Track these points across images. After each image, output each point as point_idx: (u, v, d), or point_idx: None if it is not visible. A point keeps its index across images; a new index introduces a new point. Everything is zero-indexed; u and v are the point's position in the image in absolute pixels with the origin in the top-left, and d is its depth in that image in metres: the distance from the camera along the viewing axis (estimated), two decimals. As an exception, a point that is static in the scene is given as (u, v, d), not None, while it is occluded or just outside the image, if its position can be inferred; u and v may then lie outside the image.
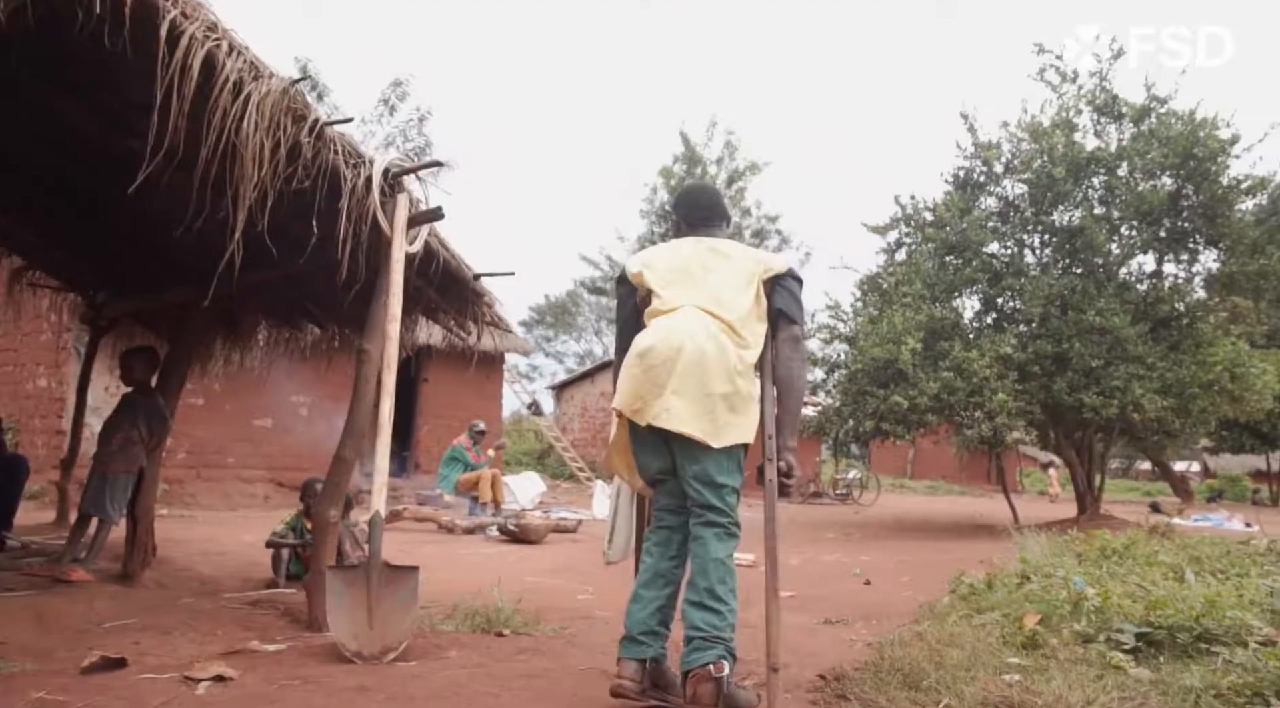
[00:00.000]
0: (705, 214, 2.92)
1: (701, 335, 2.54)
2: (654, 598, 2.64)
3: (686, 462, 2.54)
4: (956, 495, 24.62)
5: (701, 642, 2.37)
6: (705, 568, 2.48)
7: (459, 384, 13.88)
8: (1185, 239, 11.01)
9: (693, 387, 2.49)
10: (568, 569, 6.80)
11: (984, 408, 9.97)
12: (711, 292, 2.64)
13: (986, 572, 5.39)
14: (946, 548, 9.30)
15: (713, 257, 2.73)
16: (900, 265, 11.54)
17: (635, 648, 2.56)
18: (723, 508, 2.54)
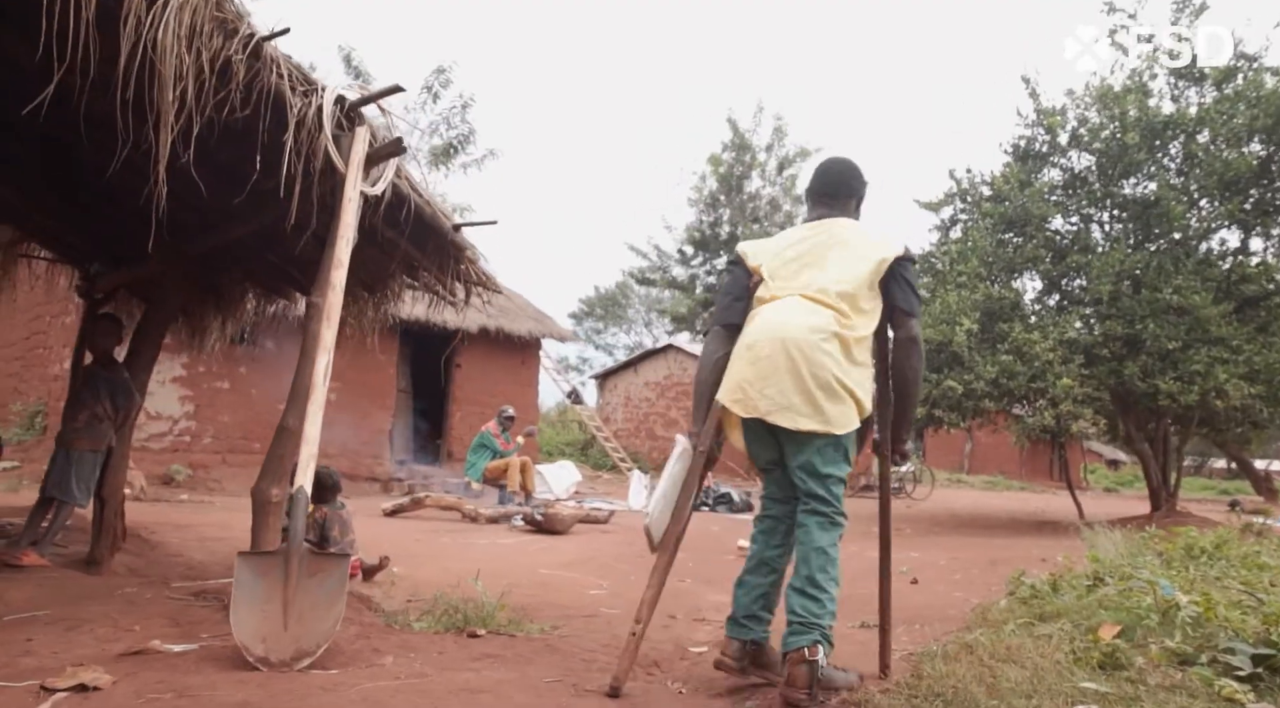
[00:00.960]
0: (831, 189, 2.86)
1: (806, 327, 2.54)
2: (758, 584, 2.74)
3: (792, 452, 2.60)
4: (1016, 491, 23.49)
5: (800, 626, 2.43)
6: (807, 556, 2.53)
7: (494, 370, 13.51)
8: (1276, 212, 10.03)
9: (796, 380, 2.51)
10: (588, 562, 6.31)
11: (1046, 394, 9.19)
12: (821, 281, 2.62)
13: (1050, 572, 4.74)
14: (1004, 545, 8.58)
15: (830, 244, 2.70)
16: (955, 243, 10.77)
17: (738, 629, 2.69)
18: (827, 497, 2.57)
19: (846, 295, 2.60)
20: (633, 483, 11.98)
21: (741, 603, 2.76)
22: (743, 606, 2.75)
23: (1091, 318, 9.68)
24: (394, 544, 6.67)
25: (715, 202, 35.78)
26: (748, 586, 2.78)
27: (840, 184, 2.87)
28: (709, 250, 35.97)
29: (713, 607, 4.62)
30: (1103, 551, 4.83)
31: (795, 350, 2.51)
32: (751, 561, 2.84)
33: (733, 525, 9.86)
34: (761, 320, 2.64)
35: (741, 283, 2.80)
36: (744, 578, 2.81)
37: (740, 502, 12.01)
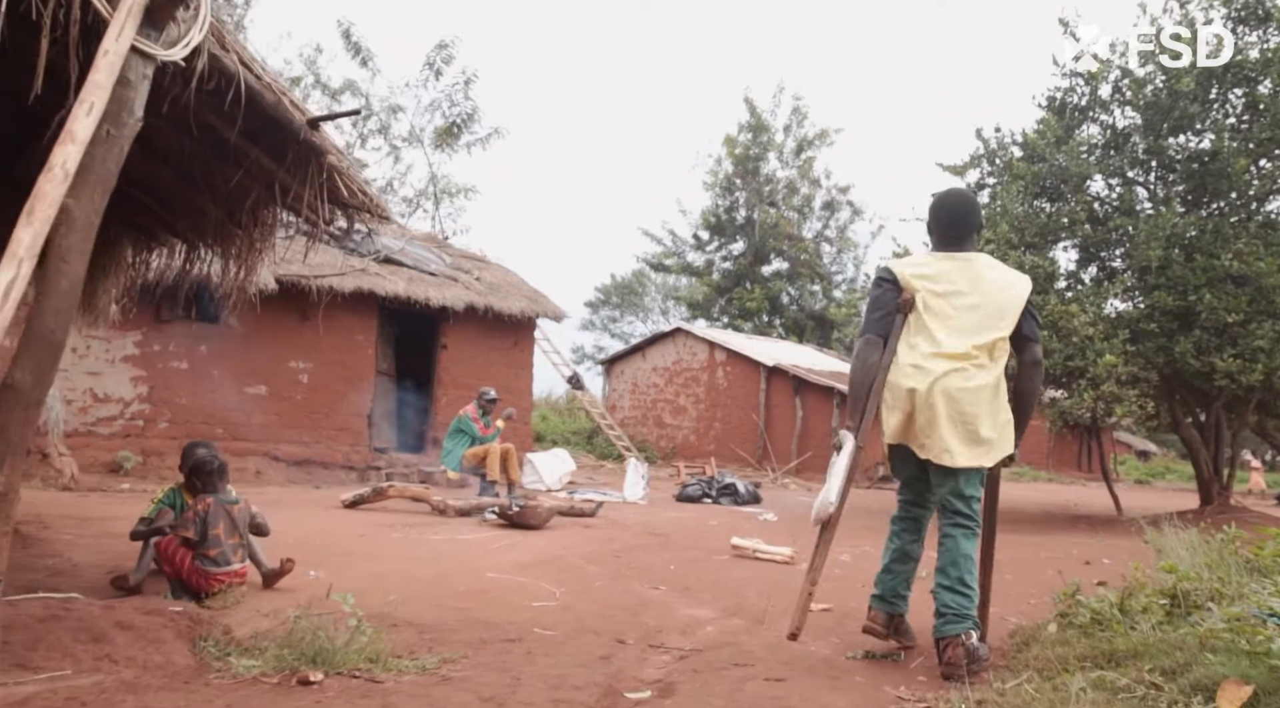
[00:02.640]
0: (961, 229, 3.20)
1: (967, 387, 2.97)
2: (902, 571, 3.24)
3: (942, 478, 3.05)
4: (1044, 482, 22.36)
5: (954, 617, 2.92)
6: (956, 560, 2.99)
7: (484, 352, 12.63)
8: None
9: (954, 429, 2.97)
10: (553, 562, 5.41)
11: (1087, 374, 8.15)
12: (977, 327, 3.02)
13: (1110, 586, 3.78)
14: (1039, 543, 7.58)
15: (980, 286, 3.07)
16: (983, 208, 9.72)
17: (887, 605, 3.22)
18: (970, 514, 3.04)
19: (999, 341, 3.04)
20: (629, 473, 11.06)
21: (889, 586, 3.25)
22: (891, 588, 3.25)
23: (1137, 290, 8.62)
24: (333, 541, 5.81)
25: (731, 185, 34.72)
26: (895, 573, 3.26)
27: (971, 217, 3.27)
28: (724, 235, 34.93)
29: (682, 625, 3.69)
30: (1174, 556, 3.84)
31: (955, 406, 2.98)
32: (895, 553, 3.29)
33: (734, 520, 8.92)
34: (927, 375, 3.01)
35: (892, 299, 3.15)
36: (891, 566, 3.28)
37: (746, 493, 11.07)
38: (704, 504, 10.81)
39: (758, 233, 33.60)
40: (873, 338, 3.15)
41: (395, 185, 28.80)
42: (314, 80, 25.55)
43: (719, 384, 18.83)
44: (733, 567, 5.56)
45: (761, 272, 34.36)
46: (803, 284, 33.96)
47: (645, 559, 5.73)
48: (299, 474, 10.36)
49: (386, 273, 11.38)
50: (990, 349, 3.02)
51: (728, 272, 34.70)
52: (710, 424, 18.90)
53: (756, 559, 5.94)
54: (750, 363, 18.12)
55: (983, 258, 3.21)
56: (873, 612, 3.21)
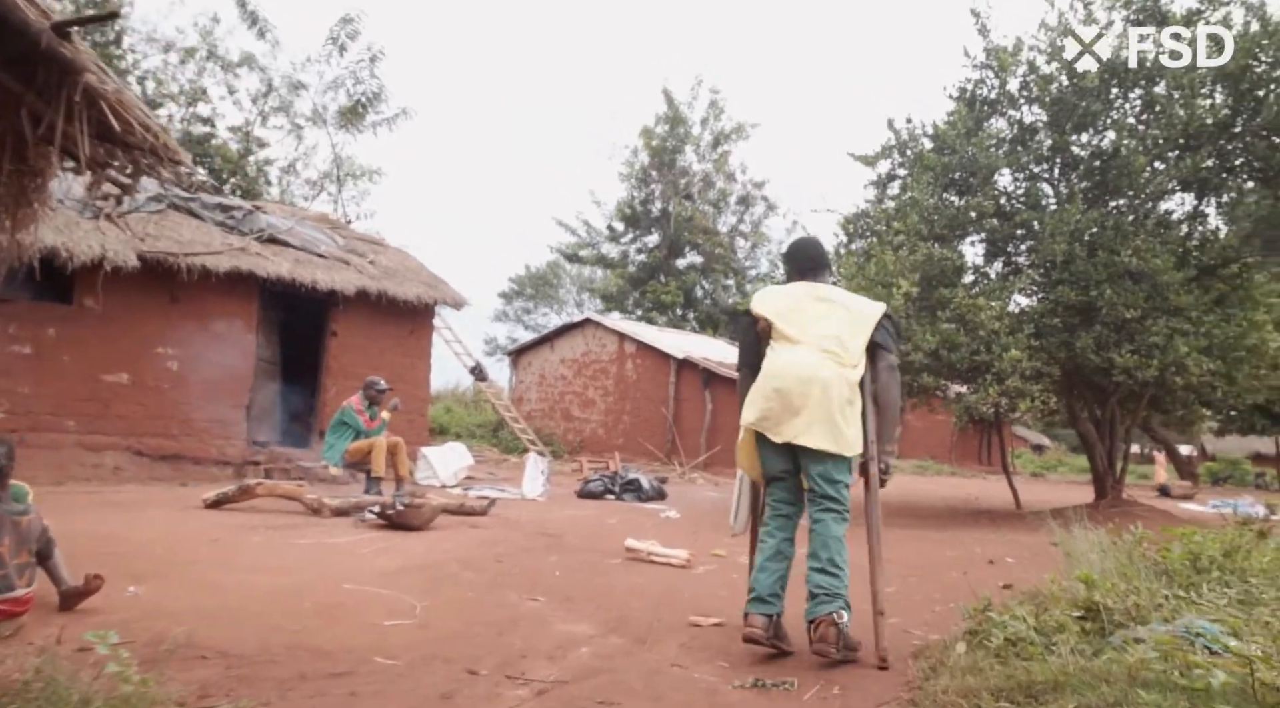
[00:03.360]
0: (811, 265, 3.53)
1: (822, 368, 3.22)
2: (777, 569, 3.26)
3: (812, 465, 3.24)
4: (947, 476, 22.84)
5: (825, 597, 3.06)
6: (827, 543, 3.16)
7: (377, 339, 11.89)
8: (1234, 173, 9.09)
9: (819, 410, 3.17)
10: (426, 569, 4.89)
11: (992, 369, 8.07)
12: (830, 332, 3.30)
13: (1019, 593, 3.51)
14: (942, 540, 7.44)
15: (825, 301, 3.38)
16: (893, 199, 9.59)
17: (764, 606, 3.18)
18: (839, 499, 3.22)
19: (851, 345, 3.26)
20: (528, 468, 10.56)
21: (765, 584, 3.21)
22: (767, 587, 3.20)
23: (1041, 285, 8.59)
24: (177, 548, 5.14)
25: (647, 177, 34.42)
26: (770, 571, 3.24)
27: (815, 258, 3.55)
28: (639, 227, 34.63)
29: (553, 647, 3.24)
30: (1083, 560, 3.59)
31: (815, 387, 3.17)
32: (769, 551, 3.29)
33: (635, 518, 8.53)
34: (784, 361, 3.26)
35: (753, 332, 3.48)
36: (766, 564, 3.26)
37: (650, 489, 10.70)
38: (606, 501, 10.40)
39: (673, 226, 33.42)
40: (746, 371, 3.50)
41: (299, 167, 27.48)
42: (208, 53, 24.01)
43: (628, 377, 18.46)
44: (624, 572, 5.15)
45: (676, 265, 34.22)
46: (717, 278, 33.96)
47: (530, 564, 5.26)
48: (166, 471, 9.48)
49: (269, 253, 10.55)
50: (842, 347, 3.25)
51: (642, 264, 34.43)
52: (619, 418, 18.51)
53: (651, 563, 5.55)
54: (660, 355, 17.81)
55: (831, 287, 3.52)
56: (751, 617, 3.18)
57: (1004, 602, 3.30)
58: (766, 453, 3.33)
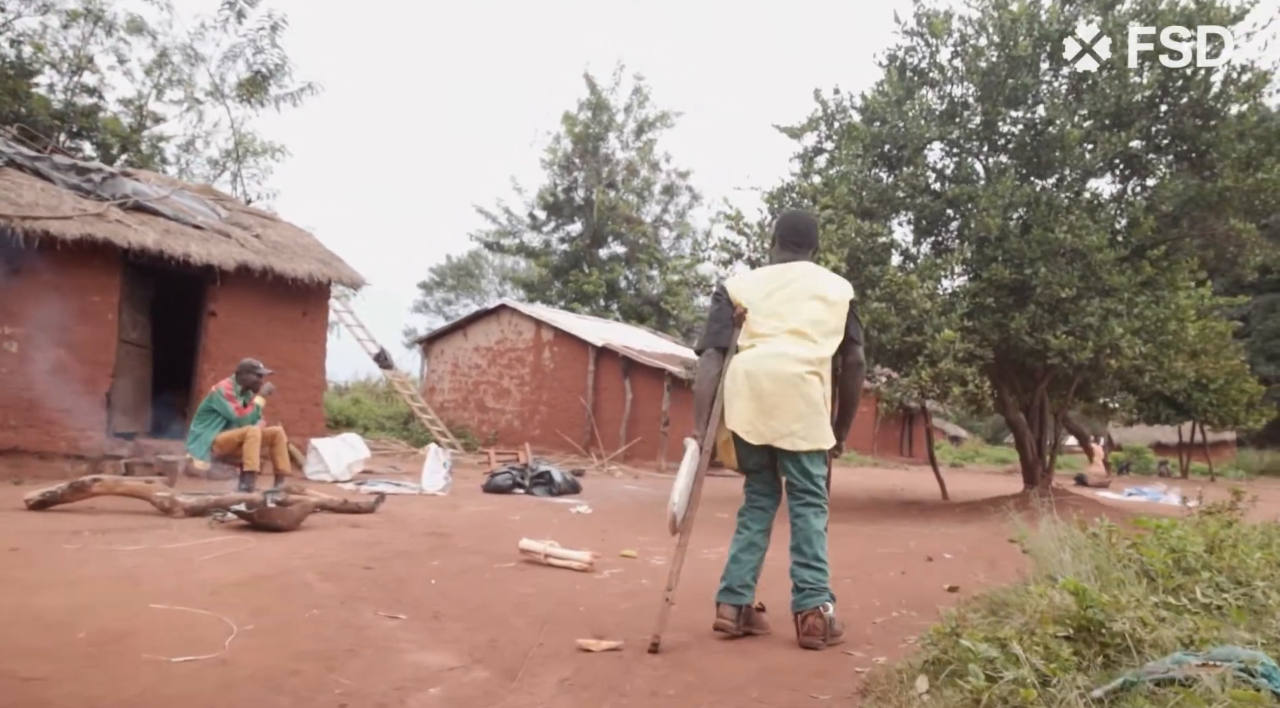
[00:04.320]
0: (799, 240, 3.45)
1: (798, 364, 3.16)
2: (750, 560, 3.26)
3: (790, 464, 3.23)
4: (869, 467, 22.72)
5: (812, 591, 3.10)
6: (810, 538, 3.17)
7: (264, 321, 10.80)
8: (1161, 152, 8.82)
9: (795, 409, 3.15)
10: (273, 579, 4.04)
11: (924, 350, 7.57)
12: (803, 318, 3.23)
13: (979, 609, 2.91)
14: (874, 535, 6.90)
15: (806, 285, 3.28)
16: (819, 172, 9.05)
17: (735, 597, 3.20)
18: (819, 492, 3.22)
19: (824, 331, 3.24)
20: (428, 461, 9.67)
21: (737, 576, 3.22)
22: (738, 578, 3.22)
23: (974, 263, 8.15)
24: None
25: (570, 164, 33.58)
26: (742, 562, 3.25)
27: (810, 235, 3.51)
28: (562, 216, 33.79)
29: (391, 688, 2.47)
30: (1052, 560, 3.00)
31: (790, 387, 3.16)
32: (743, 542, 3.29)
33: (543, 514, 7.77)
34: (759, 357, 3.23)
35: (727, 313, 3.35)
36: (739, 556, 3.26)
37: (563, 482, 9.95)
38: (515, 495, 9.61)
39: (596, 214, 32.71)
40: (712, 352, 3.34)
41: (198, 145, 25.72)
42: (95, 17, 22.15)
43: (545, 366, 17.64)
44: (514, 579, 4.39)
45: (599, 255, 33.52)
46: (641, 269, 33.36)
47: (403, 571, 4.46)
48: (2, 467, 8.27)
49: (133, 222, 9.38)
50: (816, 338, 3.20)
51: (565, 253, 33.62)
52: (536, 408, 17.68)
53: (549, 566, 4.81)
54: (579, 343, 17.04)
55: (812, 266, 3.40)
56: (722, 607, 3.19)
57: (961, 612, 2.67)
58: (745, 448, 3.30)
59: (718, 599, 3.21)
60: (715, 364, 3.31)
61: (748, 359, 3.22)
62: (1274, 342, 35.15)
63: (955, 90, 9.12)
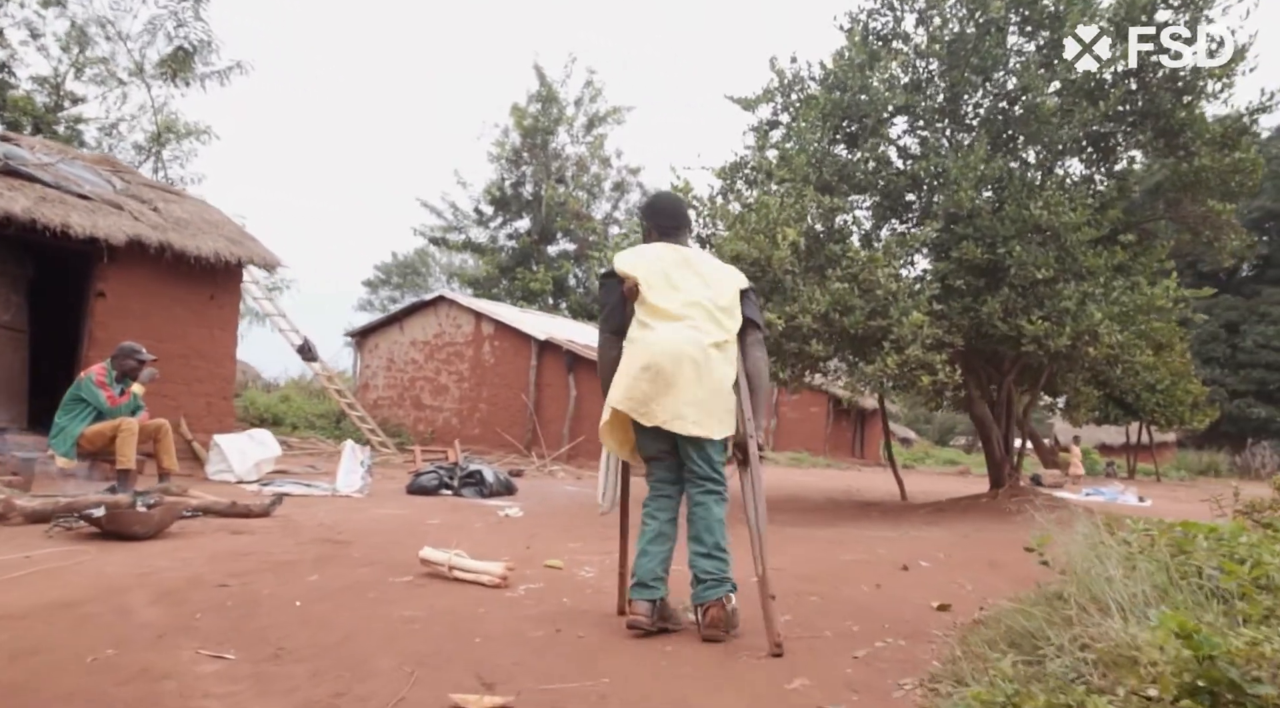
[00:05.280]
0: (675, 223, 3.33)
1: (697, 345, 2.98)
2: (659, 552, 3.09)
3: (691, 449, 3.06)
4: (822, 468, 22.18)
5: (714, 582, 2.93)
6: (711, 526, 3.00)
7: (165, 305, 9.71)
8: (1135, 130, 8.27)
9: (692, 390, 2.96)
10: (80, 605, 3.12)
11: (890, 335, 6.88)
12: (701, 301, 3.06)
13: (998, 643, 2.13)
14: (836, 539, 6.15)
15: (696, 269, 3.16)
16: (775, 146, 8.33)
17: (648, 591, 3.01)
18: (720, 479, 3.06)
19: (724, 309, 3.09)
20: (344, 459, 8.70)
21: (648, 569, 3.03)
22: (649, 571, 3.03)
23: (943, 242, 7.49)
24: None
25: (518, 158, 32.59)
26: (651, 555, 3.07)
27: (682, 216, 3.39)
28: (510, 211, 32.78)
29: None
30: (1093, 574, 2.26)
31: (690, 366, 2.96)
32: (651, 533, 3.12)
33: (466, 517, 6.89)
34: (654, 337, 3.02)
35: (618, 291, 3.17)
36: (647, 549, 3.08)
37: (495, 483, 9.06)
38: (442, 496, 8.70)
39: (544, 210, 31.81)
40: (608, 335, 3.23)
41: (123, 129, 24.17)
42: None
43: (485, 360, 16.68)
44: (403, 598, 3.53)
45: (547, 251, 32.63)
46: (591, 266, 32.52)
47: (268, 590, 3.57)
48: None
49: (3, 187, 8.25)
50: (713, 318, 3.06)
51: (512, 250, 32.63)
52: (475, 405, 16.71)
53: (455, 580, 3.96)
54: (521, 337, 16.13)
55: (698, 250, 3.41)
56: (635, 604, 3.03)
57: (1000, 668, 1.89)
58: (641, 434, 3.14)
59: (630, 596, 3.05)
60: (614, 347, 3.17)
61: (639, 338, 3.06)
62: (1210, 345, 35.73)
63: (920, 63, 8.48)
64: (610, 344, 3.19)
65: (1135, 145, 8.45)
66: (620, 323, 3.16)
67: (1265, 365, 35.14)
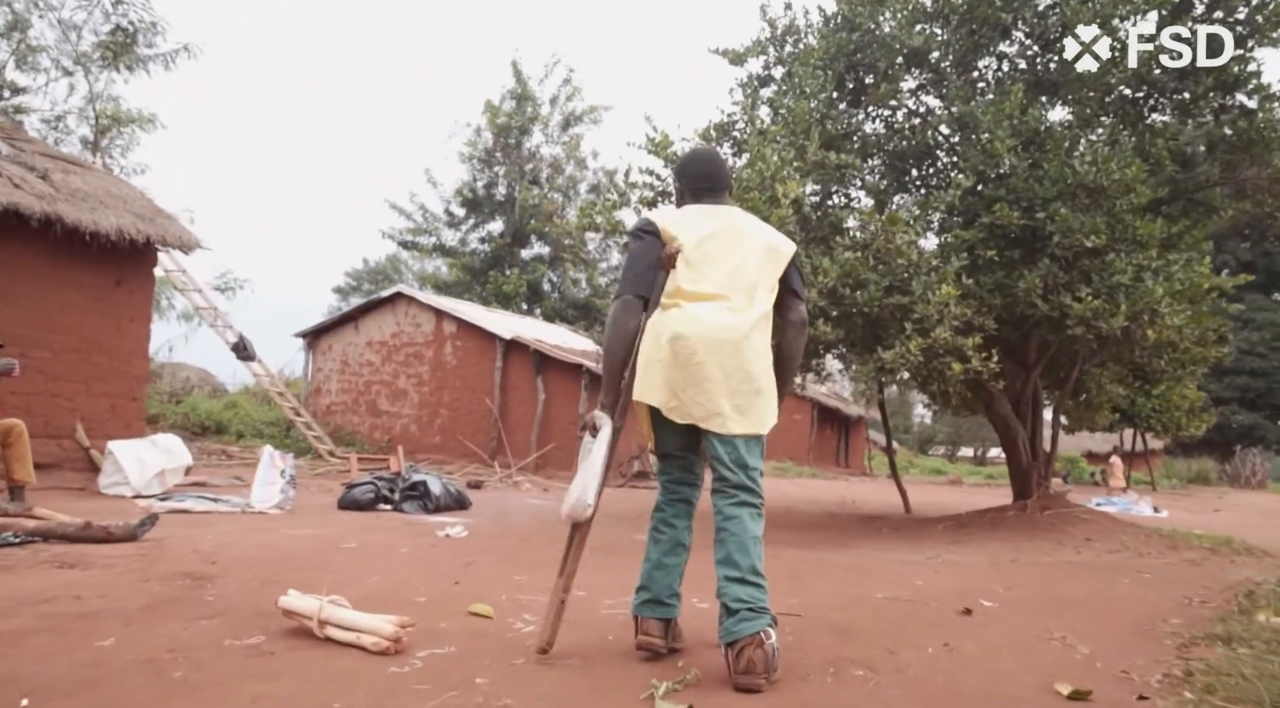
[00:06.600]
0: (714, 183, 2.84)
1: (738, 330, 2.54)
2: (675, 564, 2.68)
3: (724, 450, 2.53)
4: (808, 477, 21.00)
5: (749, 613, 2.36)
6: (745, 546, 2.45)
7: (56, 289, 8.33)
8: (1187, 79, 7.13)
9: (729, 381, 2.51)
10: None
11: (913, 315, 5.67)
12: (742, 276, 2.62)
13: None
14: (855, 565, 4.89)
15: (741, 236, 2.69)
16: (770, 101, 7.13)
17: (662, 609, 2.63)
18: (755, 489, 2.55)
19: (763, 294, 2.63)
20: (260, 469, 7.34)
21: (663, 584, 2.65)
22: (665, 586, 2.65)
23: (972, 206, 6.30)
24: None
25: (491, 158, 31.35)
26: (667, 568, 2.67)
27: (720, 176, 2.88)
28: (481, 212, 31.53)
29: None
30: None
31: (727, 354, 2.52)
32: (666, 544, 2.69)
33: (392, 540, 5.59)
34: (688, 318, 2.56)
35: (655, 251, 2.66)
36: (662, 560, 2.67)
37: (444, 496, 7.76)
38: (378, 512, 7.39)
39: (518, 212, 30.61)
40: (630, 299, 2.64)
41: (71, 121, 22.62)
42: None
43: (447, 362, 15.34)
44: (225, 680, 2.25)
45: (520, 254, 31.40)
46: (565, 270, 31.29)
47: (31, 661, 2.29)
48: None
49: None
50: (755, 294, 2.61)
51: (485, 254, 31.38)
52: (436, 411, 15.36)
53: (328, 641, 2.68)
54: (485, 336, 14.81)
55: (742, 213, 2.83)
56: (646, 622, 2.60)
57: None
58: (661, 428, 2.67)
59: (639, 613, 2.64)
60: (634, 315, 2.65)
61: (676, 319, 2.59)
62: (1198, 350, 35.08)
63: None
64: (631, 311, 2.63)
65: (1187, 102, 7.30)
66: (649, 287, 2.63)
67: (1250, 372, 34.66)
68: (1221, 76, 6.75)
